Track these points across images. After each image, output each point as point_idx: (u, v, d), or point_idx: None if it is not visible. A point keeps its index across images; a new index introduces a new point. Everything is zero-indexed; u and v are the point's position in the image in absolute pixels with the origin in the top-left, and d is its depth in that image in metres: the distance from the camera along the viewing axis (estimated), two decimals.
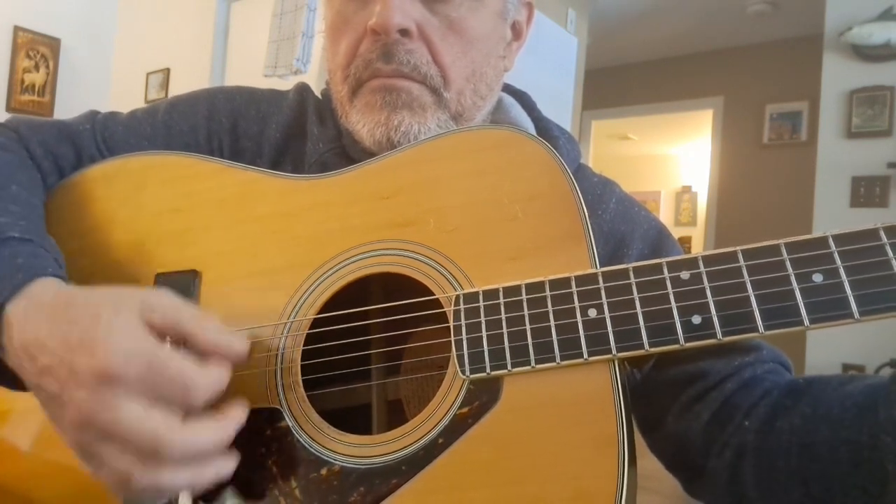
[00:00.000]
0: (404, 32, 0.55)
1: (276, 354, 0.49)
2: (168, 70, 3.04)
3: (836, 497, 0.43)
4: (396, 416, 0.57)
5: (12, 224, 0.49)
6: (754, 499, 0.48)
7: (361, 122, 0.58)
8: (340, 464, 0.45)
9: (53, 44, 3.01)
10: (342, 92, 0.60)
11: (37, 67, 2.96)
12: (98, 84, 3.23)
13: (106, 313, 0.41)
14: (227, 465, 0.43)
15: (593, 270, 0.43)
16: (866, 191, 2.86)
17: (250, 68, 2.57)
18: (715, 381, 0.52)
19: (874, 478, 0.41)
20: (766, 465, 0.47)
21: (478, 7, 0.58)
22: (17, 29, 2.89)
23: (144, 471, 0.39)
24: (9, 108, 2.89)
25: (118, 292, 0.44)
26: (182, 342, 0.42)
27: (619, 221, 0.62)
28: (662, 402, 0.54)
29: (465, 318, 0.45)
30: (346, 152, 0.63)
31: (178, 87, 2.97)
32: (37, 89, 2.97)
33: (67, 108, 3.03)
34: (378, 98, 0.57)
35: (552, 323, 0.42)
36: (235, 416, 0.43)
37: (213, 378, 0.42)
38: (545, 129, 0.68)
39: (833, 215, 2.91)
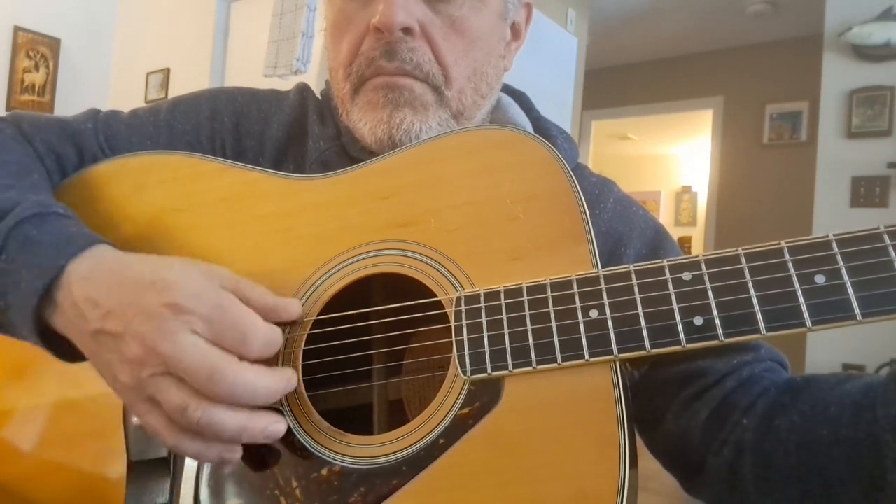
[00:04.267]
0: (407, 31, 0.56)
1: (277, 354, 0.49)
2: (168, 70, 3.04)
3: (835, 494, 0.43)
4: (397, 416, 0.57)
5: (54, 203, 0.50)
6: (753, 496, 0.48)
7: (363, 120, 0.58)
8: (341, 464, 0.45)
9: (53, 44, 3.01)
10: (344, 90, 0.60)
11: (37, 67, 2.96)
12: (98, 84, 3.24)
13: (177, 263, 0.44)
14: (278, 426, 0.44)
15: (595, 271, 0.43)
16: (866, 191, 2.86)
17: (250, 68, 2.57)
18: (714, 379, 0.52)
19: (872, 475, 0.41)
20: (764, 462, 0.47)
21: (480, 7, 0.59)
22: (17, 29, 2.89)
23: (199, 405, 0.40)
24: (9, 108, 2.89)
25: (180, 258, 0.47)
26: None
27: (617, 221, 0.62)
28: (661, 400, 0.54)
29: (467, 319, 0.45)
30: (347, 151, 0.63)
31: (178, 87, 2.97)
32: (37, 89, 2.97)
33: (67, 108, 3.03)
34: (380, 96, 0.57)
35: (553, 324, 0.42)
36: (288, 374, 0.45)
37: (269, 334, 0.43)
38: (543, 128, 0.68)
39: (833, 215, 2.91)
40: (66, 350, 0.47)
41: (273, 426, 0.43)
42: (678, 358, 0.53)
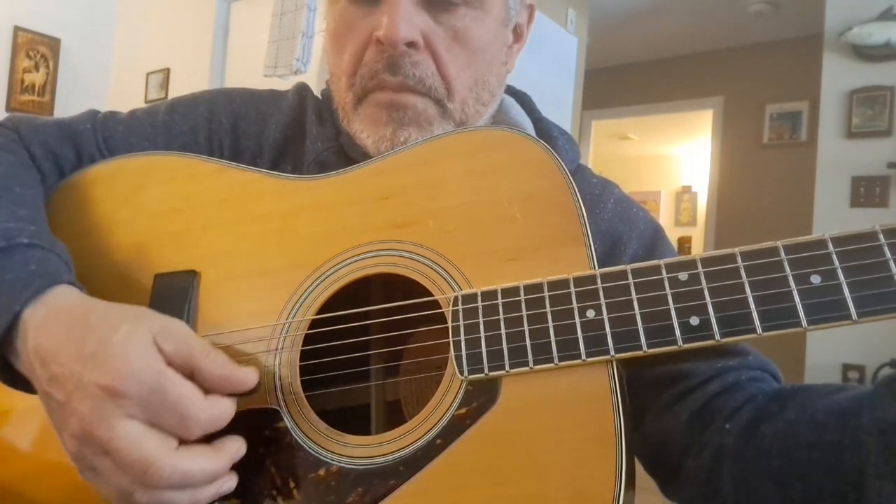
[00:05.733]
0: (411, 44, 0.55)
1: (275, 355, 0.49)
2: (168, 70, 3.04)
3: (814, 502, 0.43)
4: (395, 416, 0.57)
5: (21, 229, 0.49)
6: (730, 502, 0.48)
7: (366, 133, 0.58)
8: (338, 464, 0.45)
9: (53, 44, 3.02)
10: (346, 99, 0.60)
11: (37, 67, 2.96)
12: (98, 84, 3.24)
13: (125, 327, 0.42)
14: (228, 484, 0.44)
15: (592, 272, 0.43)
16: (866, 191, 2.86)
17: (250, 68, 2.57)
18: (697, 381, 0.51)
19: (852, 481, 0.40)
20: (744, 468, 0.47)
21: (482, 17, 0.58)
22: (17, 29, 2.89)
23: (143, 490, 0.40)
24: (9, 108, 2.89)
25: (140, 309, 0.45)
26: (190, 375, 0.42)
27: (616, 221, 0.63)
28: (643, 400, 0.54)
29: (464, 319, 0.45)
30: (345, 151, 0.63)
31: (178, 87, 2.97)
32: (37, 89, 2.98)
33: (67, 108, 3.03)
34: (384, 114, 0.57)
35: (550, 324, 0.42)
36: (232, 450, 0.44)
37: (213, 411, 0.42)
38: (545, 129, 0.68)
39: (833, 215, 2.91)
40: (28, 387, 0.46)
41: (224, 487, 0.44)
42: (662, 359, 0.53)
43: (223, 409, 0.42)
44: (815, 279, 0.38)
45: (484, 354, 0.43)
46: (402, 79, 0.56)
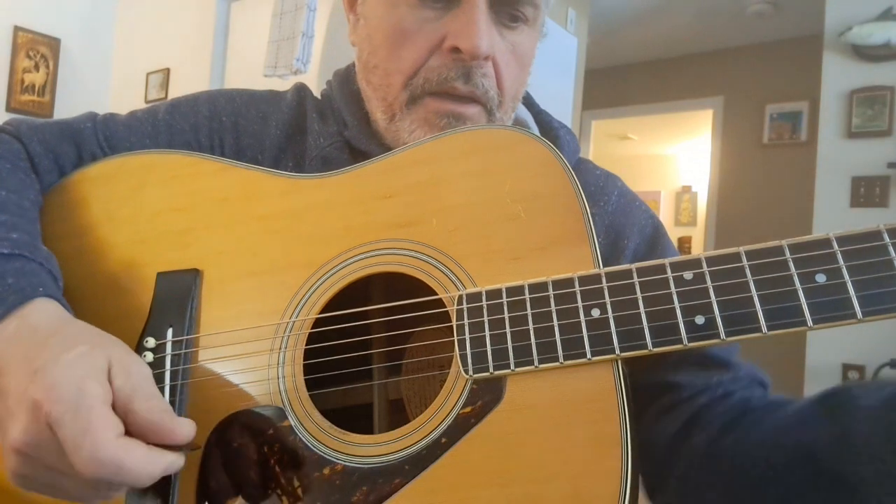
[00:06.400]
0: (486, 57, 0.57)
1: (279, 353, 0.49)
2: (168, 70, 3.04)
3: None
4: (398, 415, 0.57)
5: (1, 238, 0.49)
6: None
7: (415, 133, 0.58)
8: (343, 463, 0.45)
9: (53, 44, 3.01)
10: (399, 97, 0.60)
11: (37, 67, 2.96)
12: (98, 84, 3.23)
13: (80, 348, 0.42)
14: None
15: (596, 270, 0.43)
16: (866, 191, 2.86)
17: (250, 68, 2.57)
18: (688, 394, 0.53)
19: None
20: (709, 482, 0.49)
21: (532, 32, 0.61)
22: (17, 29, 2.89)
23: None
24: (9, 108, 2.89)
25: (110, 340, 0.45)
26: (125, 418, 0.41)
27: (619, 214, 0.64)
28: (637, 407, 0.55)
29: (469, 318, 0.45)
30: (349, 144, 0.63)
31: (178, 87, 2.97)
32: (37, 89, 2.97)
33: (67, 108, 3.03)
34: (442, 121, 0.58)
35: (555, 323, 0.42)
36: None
37: (119, 452, 0.38)
38: (545, 122, 0.69)
39: (833, 215, 2.91)
40: None
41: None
42: (655, 369, 0.54)
43: (135, 456, 0.39)
44: (820, 278, 0.38)
45: (489, 353, 0.43)
46: (472, 88, 0.57)
